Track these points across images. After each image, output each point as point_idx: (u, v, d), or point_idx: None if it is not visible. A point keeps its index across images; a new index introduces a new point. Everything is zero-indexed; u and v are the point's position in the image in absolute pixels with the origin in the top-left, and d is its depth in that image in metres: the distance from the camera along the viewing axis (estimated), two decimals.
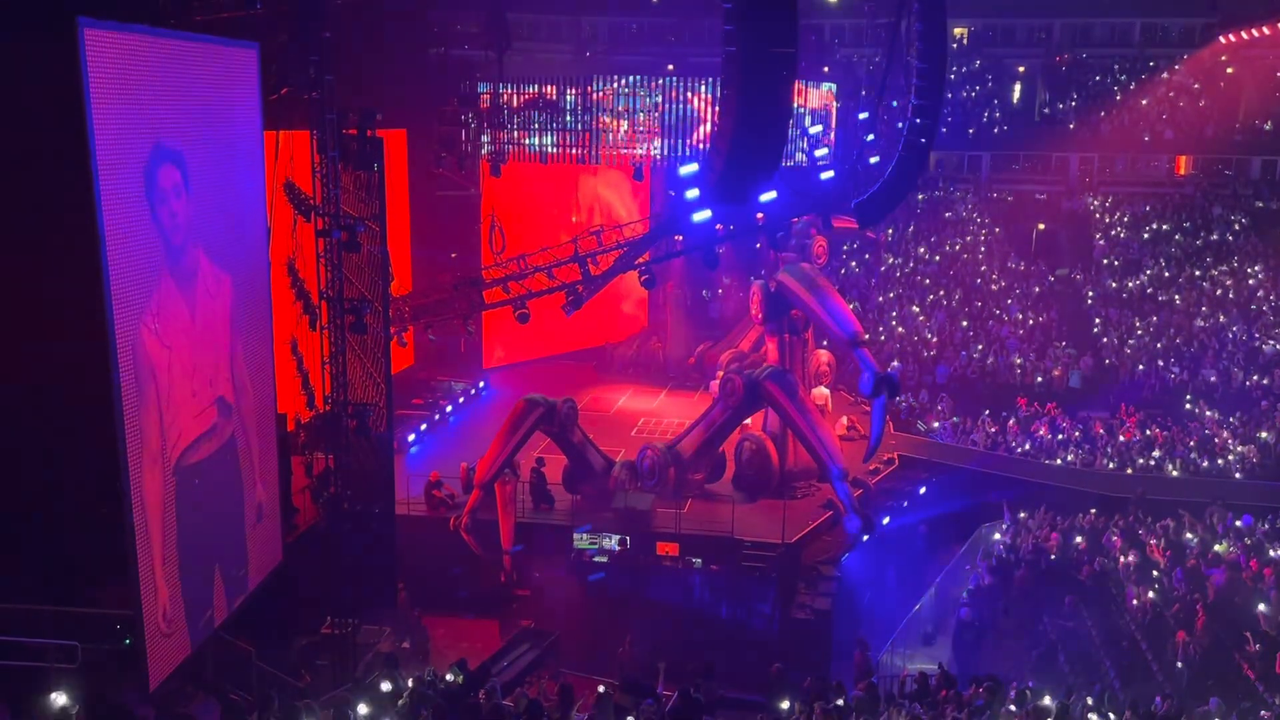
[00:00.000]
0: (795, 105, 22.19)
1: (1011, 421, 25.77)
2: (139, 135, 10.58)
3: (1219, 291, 33.52)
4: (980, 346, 30.27)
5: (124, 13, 10.33)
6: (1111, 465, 23.57)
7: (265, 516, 14.40)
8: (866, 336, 22.38)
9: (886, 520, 21.06)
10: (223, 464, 13.05)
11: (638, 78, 24.63)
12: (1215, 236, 38.04)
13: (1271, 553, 18.62)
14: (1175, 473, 23.14)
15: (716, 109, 21.60)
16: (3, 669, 11.32)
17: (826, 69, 40.65)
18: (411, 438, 24.08)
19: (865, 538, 20.42)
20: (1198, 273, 35.09)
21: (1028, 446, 24.60)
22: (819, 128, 25.94)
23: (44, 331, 11.89)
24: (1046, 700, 12.54)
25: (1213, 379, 27.79)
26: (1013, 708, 12.47)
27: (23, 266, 11.78)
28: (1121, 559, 19.26)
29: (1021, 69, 48.30)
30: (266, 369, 14.39)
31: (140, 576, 10.86)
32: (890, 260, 37.63)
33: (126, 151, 10.32)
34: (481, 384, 28.23)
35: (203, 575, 12.58)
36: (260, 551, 14.26)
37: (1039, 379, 28.63)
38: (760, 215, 22.78)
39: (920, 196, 40.85)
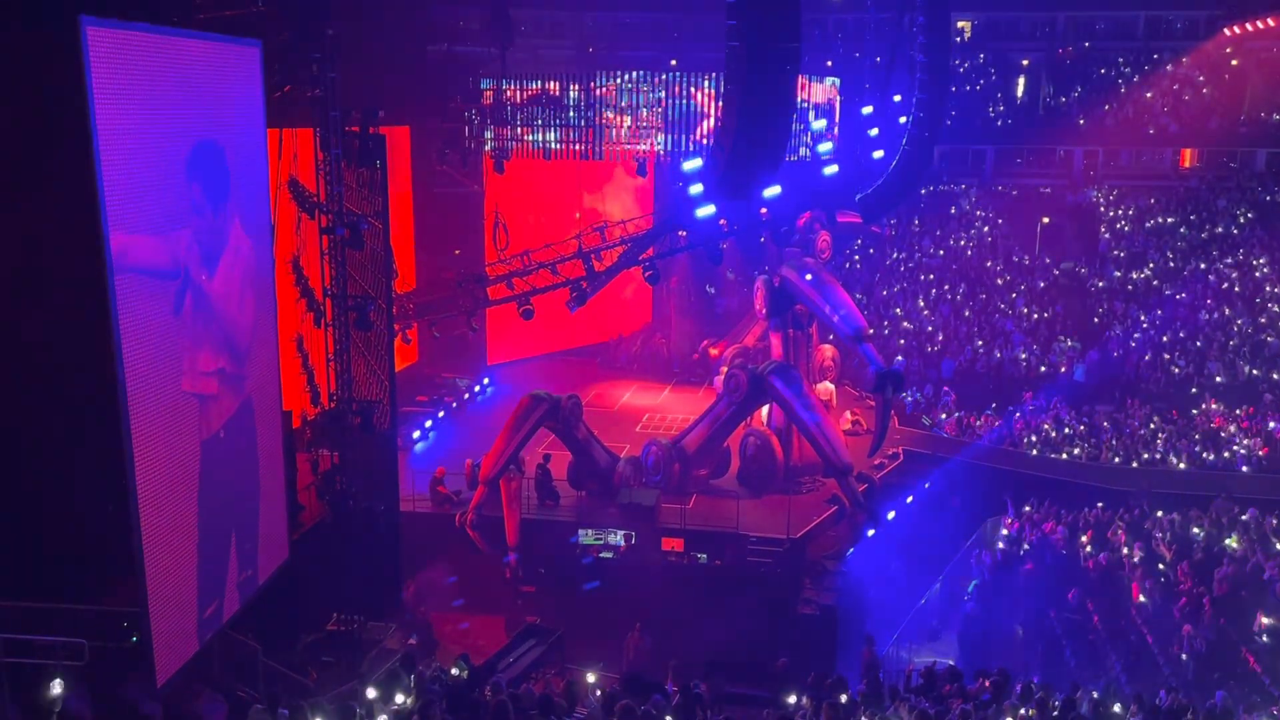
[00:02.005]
0: (799, 100, 22.17)
1: (1016, 415, 25.74)
2: (142, 133, 10.58)
3: (1224, 285, 33.44)
4: (984, 341, 30.23)
5: (126, 11, 10.31)
6: (1117, 459, 23.54)
7: (272, 503, 14.38)
8: (871, 331, 22.38)
9: (891, 515, 21.06)
10: (234, 447, 13.07)
11: (640, 73, 24.66)
12: (1220, 229, 37.90)
13: (1278, 546, 18.58)
14: (1181, 466, 23.11)
15: (720, 104, 21.57)
16: (10, 667, 11.33)
17: (830, 63, 40.60)
18: (416, 434, 24.10)
19: (870, 533, 20.44)
20: (1203, 266, 35.00)
21: (1033, 440, 24.57)
22: (822, 122, 25.92)
23: (48, 330, 11.90)
24: (1052, 694, 12.54)
25: (1219, 377, 27.69)
26: (1018, 701, 12.47)
27: (25, 267, 11.78)
28: (1127, 552, 19.23)
29: (1025, 62, 48.11)
30: (273, 365, 14.40)
31: (148, 567, 10.87)
32: (894, 255, 37.58)
33: (129, 149, 10.32)
34: (486, 380, 28.23)
35: (218, 557, 12.58)
36: (268, 544, 14.27)
37: (1043, 370, 28.60)
38: (764, 210, 22.78)
39: (924, 190, 40.75)
